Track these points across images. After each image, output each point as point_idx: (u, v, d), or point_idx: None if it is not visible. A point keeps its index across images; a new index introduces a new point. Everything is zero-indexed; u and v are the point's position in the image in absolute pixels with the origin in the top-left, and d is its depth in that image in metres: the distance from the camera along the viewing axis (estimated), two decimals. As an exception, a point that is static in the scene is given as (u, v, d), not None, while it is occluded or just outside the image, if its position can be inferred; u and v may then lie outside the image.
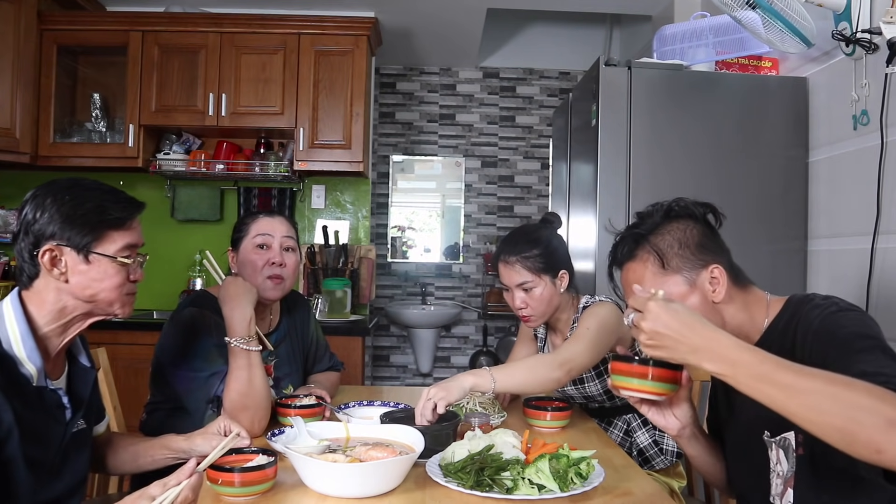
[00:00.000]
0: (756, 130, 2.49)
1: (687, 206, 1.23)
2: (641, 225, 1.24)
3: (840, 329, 1.04)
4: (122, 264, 1.25)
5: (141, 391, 1.80)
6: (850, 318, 1.06)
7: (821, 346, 1.05)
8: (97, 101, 3.47)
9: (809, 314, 1.10)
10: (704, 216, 1.23)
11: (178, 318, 1.70)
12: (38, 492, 1.20)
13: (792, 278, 2.46)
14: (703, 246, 1.19)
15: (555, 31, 4.86)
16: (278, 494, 1.20)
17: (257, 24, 3.40)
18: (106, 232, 1.24)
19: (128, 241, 1.27)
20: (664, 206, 1.24)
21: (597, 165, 2.45)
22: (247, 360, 1.57)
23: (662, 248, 1.19)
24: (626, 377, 1.16)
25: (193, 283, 3.59)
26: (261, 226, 1.80)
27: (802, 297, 1.17)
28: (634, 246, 1.22)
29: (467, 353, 5.01)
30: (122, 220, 1.26)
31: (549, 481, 1.19)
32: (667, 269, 1.18)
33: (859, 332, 1.02)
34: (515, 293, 1.82)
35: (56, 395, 1.25)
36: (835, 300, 1.11)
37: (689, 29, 2.55)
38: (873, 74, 2.07)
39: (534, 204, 5.01)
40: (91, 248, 1.22)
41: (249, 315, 1.61)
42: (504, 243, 1.86)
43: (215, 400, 1.61)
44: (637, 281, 1.20)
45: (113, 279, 1.25)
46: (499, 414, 1.73)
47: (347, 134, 3.41)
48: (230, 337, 1.58)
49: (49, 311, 1.23)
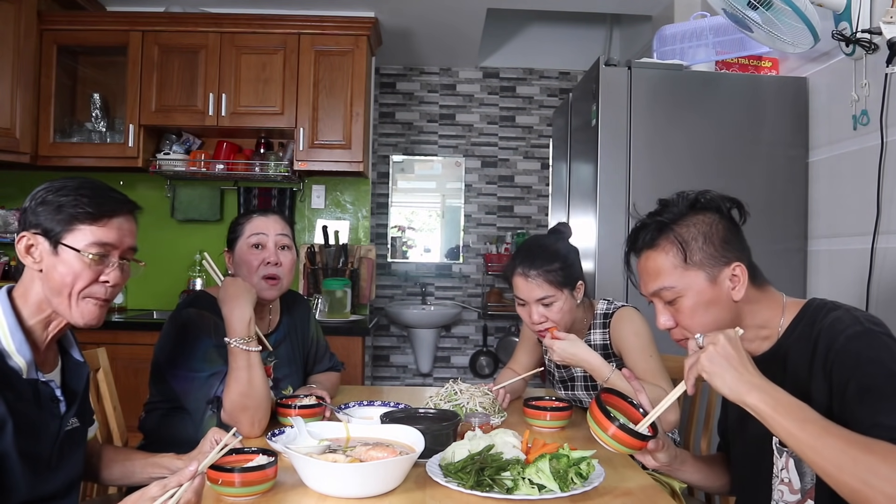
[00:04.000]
0: (756, 130, 2.49)
1: (714, 199, 1.18)
2: (665, 212, 1.19)
3: (865, 362, 1.03)
4: (89, 261, 1.20)
5: (141, 391, 1.80)
6: (875, 346, 1.04)
7: (842, 371, 1.04)
8: (97, 101, 3.46)
9: (833, 328, 1.08)
10: (730, 211, 1.19)
11: (177, 319, 1.70)
12: (36, 486, 1.20)
13: (792, 278, 2.46)
14: (727, 242, 1.15)
15: (555, 31, 4.86)
16: (278, 494, 1.20)
17: (257, 24, 3.40)
18: (76, 224, 1.20)
19: (100, 238, 1.21)
20: (690, 195, 1.20)
21: (597, 165, 2.45)
22: (246, 360, 1.57)
23: (687, 240, 1.15)
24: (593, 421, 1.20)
25: (193, 283, 3.59)
26: (255, 225, 1.79)
27: (821, 303, 1.15)
28: (657, 234, 1.18)
29: (467, 353, 5.01)
30: (95, 214, 1.21)
31: (549, 481, 1.19)
32: (689, 264, 1.15)
33: (884, 371, 1.01)
34: (533, 308, 1.78)
35: (49, 388, 1.24)
36: (857, 315, 1.09)
37: (689, 29, 2.55)
38: (873, 74, 2.07)
39: (534, 204, 5.01)
40: (60, 239, 1.20)
41: (249, 315, 1.60)
42: (521, 257, 1.79)
43: (215, 400, 1.61)
44: (656, 271, 1.17)
45: (77, 274, 1.20)
46: (499, 414, 1.73)
47: (347, 134, 3.41)
48: (230, 337, 1.58)
49: (32, 303, 1.22)
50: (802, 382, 1.11)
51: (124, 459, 1.48)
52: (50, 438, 1.23)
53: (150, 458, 1.47)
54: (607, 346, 1.86)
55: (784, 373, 1.15)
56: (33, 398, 1.20)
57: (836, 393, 1.05)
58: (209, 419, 1.60)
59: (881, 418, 0.97)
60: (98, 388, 1.85)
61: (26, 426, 1.17)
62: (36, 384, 1.21)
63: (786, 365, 1.15)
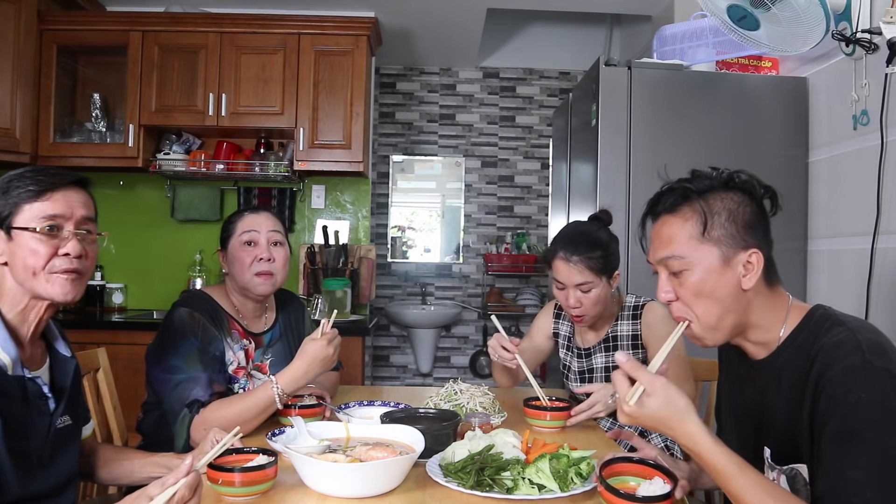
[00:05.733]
0: (756, 130, 2.49)
1: (749, 181, 1.12)
2: (695, 182, 1.13)
3: (854, 403, 0.96)
4: (42, 236, 1.21)
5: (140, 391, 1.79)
6: (869, 386, 0.96)
7: (829, 404, 0.99)
8: (97, 101, 3.46)
9: (832, 353, 1.02)
10: (762, 198, 1.12)
11: (169, 318, 1.70)
12: (27, 484, 1.19)
13: (792, 278, 2.46)
14: (751, 227, 1.10)
15: (555, 31, 4.86)
16: (278, 494, 1.20)
17: (257, 24, 3.40)
18: (19, 205, 1.21)
19: (47, 212, 1.22)
20: (725, 171, 1.13)
21: (597, 165, 2.45)
22: (266, 405, 1.56)
23: (710, 213, 1.09)
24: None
25: (193, 282, 3.58)
26: (246, 223, 1.79)
27: (826, 313, 1.10)
28: (682, 200, 1.12)
29: (467, 353, 5.01)
30: (35, 191, 1.22)
31: (549, 481, 1.19)
32: (706, 237, 1.09)
33: (869, 418, 0.95)
34: (571, 292, 1.83)
35: (36, 385, 1.24)
36: (861, 341, 1.01)
37: (689, 29, 2.55)
38: (873, 74, 2.07)
39: (534, 204, 5.01)
40: (10, 224, 1.21)
41: (305, 383, 1.61)
42: (564, 241, 1.84)
43: (194, 404, 1.57)
44: (670, 238, 1.12)
45: (37, 253, 1.21)
46: (499, 414, 1.73)
47: (347, 134, 3.41)
48: (279, 382, 1.56)
49: (8, 297, 1.23)
50: (795, 399, 1.07)
51: (123, 459, 1.48)
52: (39, 436, 1.23)
53: (150, 457, 1.47)
54: (637, 336, 1.89)
55: (778, 385, 1.12)
56: (20, 395, 1.20)
57: (817, 424, 1.01)
58: (182, 420, 1.57)
59: (849, 471, 0.94)
60: (98, 388, 1.85)
61: (14, 424, 1.16)
62: (23, 381, 1.21)
63: (781, 378, 1.11)
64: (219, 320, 1.74)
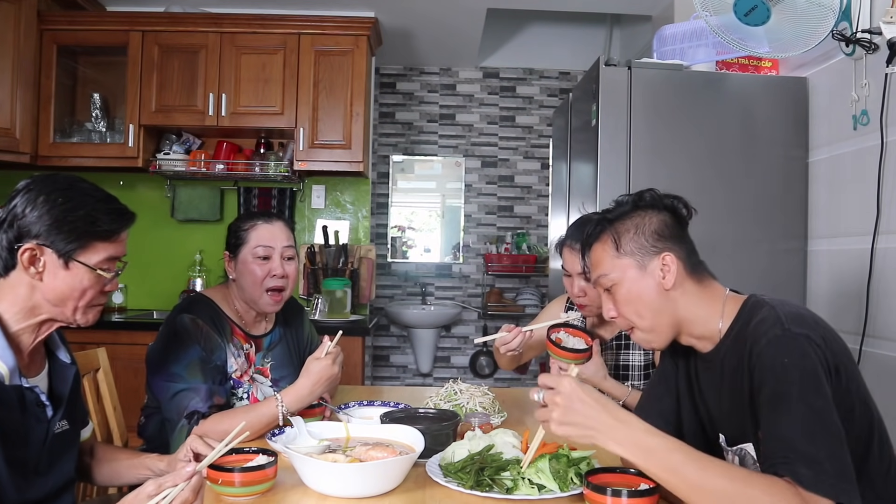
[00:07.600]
0: (756, 130, 2.49)
1: (654, 197, 1.28)
2: (613, 211, 1.30)
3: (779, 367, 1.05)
4: (99, 276, 1.23)
5: (141, 392, 1.80)
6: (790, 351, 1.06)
7: (760, 375, 1.08)
8: (97, 101, 3.46)
9: (757, 330, 1.12)
10: (671, 207, 1.26)
11: (171, 324, 1.67)
12: (25, 491, 1.19)
13: (792, 278, 2.46)
14: (658, 234, 1.23)
15: (555, 31, 4.86)
16: (278, 494, 1.20)
17: (257, 24, 3.40)
18: (92, 242, 1.22)
19: (111, 254, 1.25)
20: (634, 195, 1.31)
21: (597, 165, 2.45)
22: (269, 422, 1.54)
23: (620, 232, 1.25)
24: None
25: (193, 283, 3.59)
26: (261, 236, 1.74)
27: (756, 301, 1.19)
28: (600, 229, 1.29)
29: (467, 353, 5.01)
30: (110, 232, 1.24)
31: (549, 481, 1.19)
32: (620, 253, 1.24)
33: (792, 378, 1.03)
34: (575, 280, 1.86)
35: (34, 394, 1.23)
36: (781, 315, 1.11)
37: (689, 29, 2.55)
38: (873, 74, 2.07)
39: (534, 204, 5.01)
40: (73, 256, 1.20)
41: (310, 402, 1.61)
42: (572, 230, 1.87)
43: (194, 415, 1.56)
44: (598, 261, 1.28)
45: (87, 288, 1.22)
46: (499, 414, 1.73)
47: (347, 134, 3.41)
48: (285, 400, 1.56)
49: (21, 308, 1.21)
50: (738, 387, 1.15)
51: (111, 459, 1.47)
52: (37, 444, 1.22)
53: (135, 458, 1.46)
54: None
55: (722, 378, 1.20)
56: (18, 404, 1.18)
57: (754, 396, 1.10)
58: (181, 430, 1.56)
59: (781, 430, 1.02)
60: (98, 388, 1.85)
61: (11, 433, 1.16)
62: (20, 390, 1.19)
63: (724, 367, 1.19)
64: (221, 326, 1.72)
